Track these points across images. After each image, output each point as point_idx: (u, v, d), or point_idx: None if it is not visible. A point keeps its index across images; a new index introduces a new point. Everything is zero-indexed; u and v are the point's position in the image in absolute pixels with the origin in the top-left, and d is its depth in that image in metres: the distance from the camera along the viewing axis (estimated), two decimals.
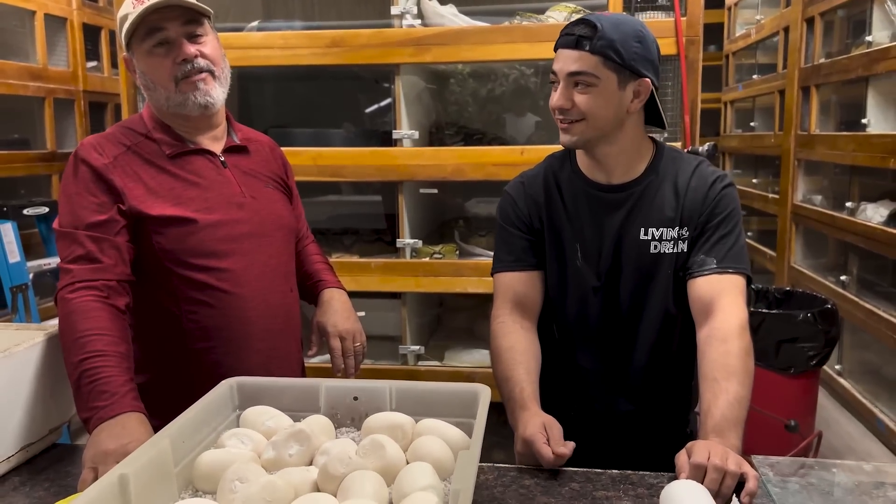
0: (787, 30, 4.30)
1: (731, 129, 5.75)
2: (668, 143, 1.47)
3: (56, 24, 3.74)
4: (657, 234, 1.36)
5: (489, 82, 2.96)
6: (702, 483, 1.01)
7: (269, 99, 3.09)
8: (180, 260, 1.34)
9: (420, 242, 2.49)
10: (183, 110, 1.36)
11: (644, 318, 1.39)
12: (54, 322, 1.29)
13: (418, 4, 2.44)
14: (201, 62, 1.35)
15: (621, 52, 1.26)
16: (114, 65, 4.10)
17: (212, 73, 1.37)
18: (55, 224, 1.33)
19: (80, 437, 2.66)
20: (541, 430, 1.19)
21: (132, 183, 1.33)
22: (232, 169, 1.44)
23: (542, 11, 2.46)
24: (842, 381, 3.42)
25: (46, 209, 3.34)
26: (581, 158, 1.42)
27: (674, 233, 1.36)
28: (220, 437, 1.08)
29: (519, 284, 1.44)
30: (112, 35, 3.97)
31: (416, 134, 2.45)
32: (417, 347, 2.54)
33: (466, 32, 2.34)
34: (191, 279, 1.35)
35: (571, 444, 1.17)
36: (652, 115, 1.40)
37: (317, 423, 1.09)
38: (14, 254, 3.10)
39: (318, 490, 0.95)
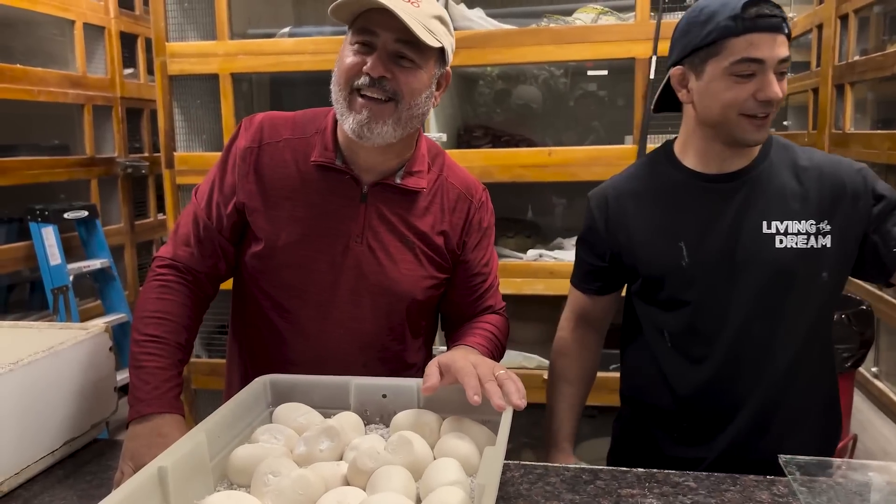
0: (820, 27, 4.23)
1: None
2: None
3: (94, 32, 3.83)
4: (781, 227, 1.21)
5: (518, 84, 2.97)
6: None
7: (301, 103, 3.11)
8: (255, 277, 1.30)
9: None
10: (341, 122, 1.20)
11: (776, 326, 1.23)
12: (95, 322, 1.34)
13: (446, 8, 2.46)
14: (387, 85, 1.15)
15: None
16: (149, 71, 4.19)
17: (396, 103, 1.17)
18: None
19: (118, 433, 2.73)
20: None
21: (255, 176, 1.26)
22: (370, 207, 1.25)
23: (569, 13, 2.47)
24: (878, 383, 3.35)
25: (86, 213, 3.42)
26: (701, 147, 1.26)
27: (803, 226, 1.20)
28: (253, 432, 1.11)
29: (583, 301, 1.44)
30: (148, 42, 4.05)
31: (445, 136, 2.47)
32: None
33: (494, 35, 2.36)
34: (259, 302, 1.31)
35: None
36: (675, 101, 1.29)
37: (347, 420, 1.12)
38: (55, 256, 3.20)
39: (348, 484, 0.98)
